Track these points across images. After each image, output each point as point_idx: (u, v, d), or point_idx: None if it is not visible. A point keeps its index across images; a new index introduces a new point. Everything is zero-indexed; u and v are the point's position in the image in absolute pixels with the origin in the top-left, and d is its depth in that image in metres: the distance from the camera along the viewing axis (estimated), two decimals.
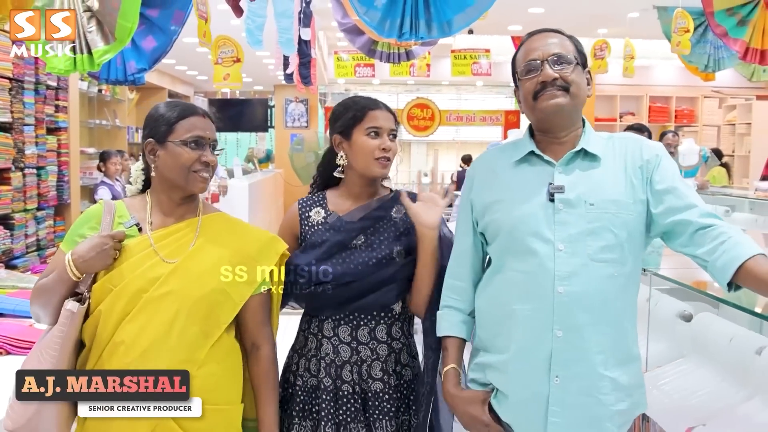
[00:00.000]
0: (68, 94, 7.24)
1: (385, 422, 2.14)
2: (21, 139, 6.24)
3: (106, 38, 3.83)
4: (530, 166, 1.93)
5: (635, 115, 13.31)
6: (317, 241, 2.17)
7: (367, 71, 11.54)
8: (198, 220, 2.02)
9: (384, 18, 4.60)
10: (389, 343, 2.18)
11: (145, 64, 5.36)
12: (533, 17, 8.89)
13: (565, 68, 1.87)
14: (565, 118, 1.90)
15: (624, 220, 1.83)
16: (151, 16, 5.07)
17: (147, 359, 1.87)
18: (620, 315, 1.85)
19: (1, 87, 5.97)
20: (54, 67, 3.71)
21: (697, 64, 7.13)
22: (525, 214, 1.87)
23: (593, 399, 1.81)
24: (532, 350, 1.83)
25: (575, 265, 1.81)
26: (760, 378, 1.89)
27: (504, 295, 1.90)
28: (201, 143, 1.97)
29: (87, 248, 1.87)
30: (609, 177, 1.87)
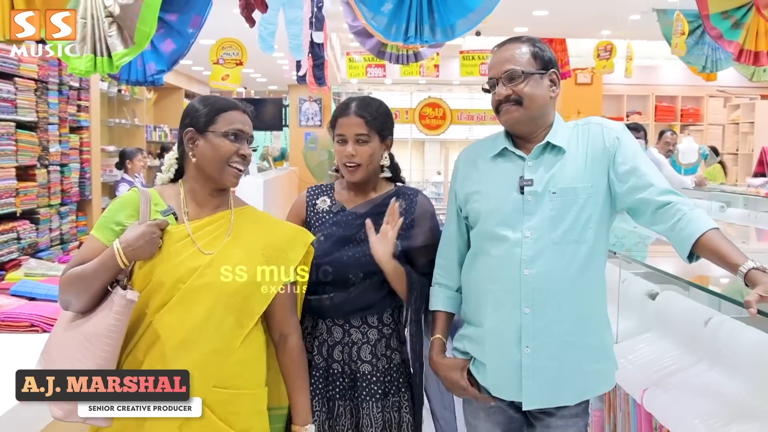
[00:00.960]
0: (90, 94, 7.52)
1: (372, 403, 2.24)
2: (45, 137, 6.50)
3: (126, 42, 3.99)
4: (505, 160, 2.12)
5: (642, 114, 13.43)
6: (324, 230, 2.28)
7: (378, 71, 11.75)
8: (231, 213, 2.05)
9: (390, 23, 4.79)
10: (380, 328, 2.27)
11: (163, 66, 5.59)
12: (538, 19, 9.07)
13: (517, 83, 2.04)
14: (524, 127, 2.09)
15: (582, 204, 2.02)
16: (169, 21, 5.29)
17: (184, 348, 1.89)
18: (585, 287, 2.04)
19: (27, 88, 6.23)
20: (75, 69, 3.90)
21: (695, 65, 7.31)
22: (498, 205, 2.07)
23: (561, 362, 2.02)
24: (504, 325, 2.04)
25: (539, 249, 2.00)
26: (706, 345, 2.12)
27: (480, 276, 2.11)
28: (240, 136, 2.01)
29: (136, 236, 1.87)
30: (571, 165, 2.05)
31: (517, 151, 2.10)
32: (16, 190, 6.03)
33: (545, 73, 2.08)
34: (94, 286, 1.87)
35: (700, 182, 7.54)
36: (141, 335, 1.90)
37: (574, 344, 2.03)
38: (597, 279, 2.09)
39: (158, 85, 6.02)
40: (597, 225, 2.04)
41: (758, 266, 1.74)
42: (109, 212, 1.98)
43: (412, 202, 2.32)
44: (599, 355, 2.09)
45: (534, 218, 2.02)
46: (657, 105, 13.53)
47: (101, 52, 3.92)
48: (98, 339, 1.83)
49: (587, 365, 2.06)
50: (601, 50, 9.66)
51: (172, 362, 1.87)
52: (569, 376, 2.04)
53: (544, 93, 2.07)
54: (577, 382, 2.06)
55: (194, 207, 2.02)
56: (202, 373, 1.89)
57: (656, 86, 13.57)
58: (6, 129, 5.86)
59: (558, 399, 2.06)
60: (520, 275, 2.01)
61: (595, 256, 2.06)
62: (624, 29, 9.17)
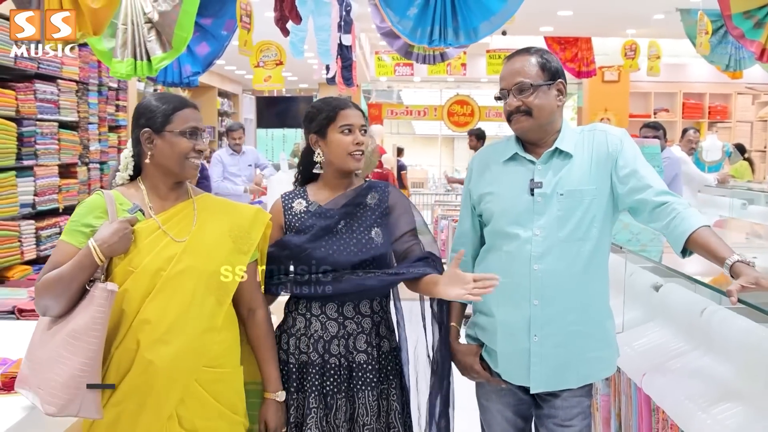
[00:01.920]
0: (127, 94, 7.79)
1: (367, 392, 2.28)
2: (86, 136, 6.77)
3: (164, 46, 4.15)
4: (516, 164, 2.28)
5: (669, 111, 13.44)
6: (304, 226, 2.33)
7: (407, 70, 11.93)
8: (192, 201, 2.15)
9: (415, 26, 4.94)
10: (372, 317, 2.33)
11: (199, 68, 5.81)
12: (562, 19, 9.17)
13: (526, 95, 2.20)
14: (534, 134, 2.25)
15: (588, 205, 2.18)
16: (205, 25, 5.50)
17: (173, 332, 1.99)
18: (589, 281, 2.21)
19: (69, 89, 6.49)
20: (116, 72, 4.10)
21: (719, 63, 7.37)
22: (510, 205, 2.24)
23: (566, 350, 2.19)
24: (514, 315, 2.22)
25: (548, 246, 2.17)
26: (701, 333, 2.28)
27: (492, 270, 2.22)
28: (195, 133, 2.10)
29: (110, 233, 1.95)
30: (577, 169, 2.21)
31: (527, 156, 2.26)
32: (58, 187, 6.29)
33: (553, 83, 2.23)
34: (73, 286, 1.94)
35: (723, 179, 7.57)
36: (130, 325, 1.97)
37: (578, 333, 2.20)
38: (600, 273, 2.26)
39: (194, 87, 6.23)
40: (601, 224, 2.21)
41: (743, 259, 1.89)
42: (76, 216, 2.06)
43: (384, 193, 2.39)
44: (601, 343, 2.26)
45: (543, 218, 2.19)
46: (684, 102, 13.51)
47: (141, 56, 4.09)
48: (84, 333, 1.89)
49: (590, 352, 2.23)
50: (627, 49, 9.74)
51: (164, 346, 1.97)
52: (573, 362, 2.22)
53: (551, 103, 2.22)
54: (580, 368, 2.23)
55: (157, 201, 2.10)
56: (194, 353, 2.01)
57: (684, 83, 13.56)
58: (49, 129, 6.12)
59: (562, 383, 2.23)
60: (530, 270, 2.18)
61: (599, 252, 2.22)
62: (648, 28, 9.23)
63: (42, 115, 6.02)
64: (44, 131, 6.05)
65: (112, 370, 1.97)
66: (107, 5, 3.87)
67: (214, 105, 13.93)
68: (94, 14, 3.84)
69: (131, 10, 4.05)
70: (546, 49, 2.33)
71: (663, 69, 10.92)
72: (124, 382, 1.96)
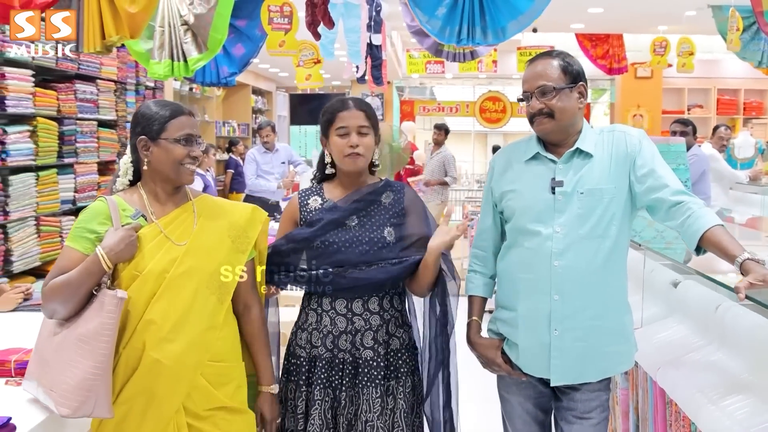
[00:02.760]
0: (164, 93, 7.98)
1: (371, 388, 2.30)
2: (124, 134, 6.96)
3: (200, 48, 4.25)
4: (538, 163, 2.34)
5: (703, 107, 13.32)
6: (314, 219, 2.38)
7: (437, 67, 11.98)
8: (192, 204, 2.21)
9: (444, 26, 4.98)
10: (381, 314, 2.35)
11: (235, 69, 5.95)
12: (593, 16, 9.16)
13: (549, 98, 2.26)
14: (556, 135, 2.32)
15: (607, 203, 2.24)
16: (240, 27, 5.64)
17: (178, 331, 2.06)
18: (608, 277, 2.26)
19: (108, 89, 6.69)
20: (154, 73, 4.21)
21: (752, 60, 7.31)
22: (532, 203, 2.30)
23: (586, 343, 2.25)
24: (535, 310, 2.28)
25: (568, 243, 2.23)
26: (716, 328, 2.34)
27: (514, 265, 2.35)
28: (190, 140, 2.15)
29: (116, 241, 2.02)
30: (597, 169, 2.27)
31: (548, 155, 2.33)
32: (98, 184, 6.49)
33: (574, 86, 2.28)
34: (80, 291, 2.00)
35: (755, 177, 7.52)
36: (136, 326, 2.04)
37: (598, 328, 2.26)
38: (619, 270, 2.32)
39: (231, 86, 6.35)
40: (620, 222, 2.26)
41: (753, 257, 1.95)
42: (80, 223, 2.11)
43: (400, 192, 2.43)
44: (619, 338, 2.32)
45: (564, 216, 2.25)
46: (719, 98, 13.38)
47: (178, 57, 4.20)
48: (93, 338, 1.95)
49: (608, 347, 2.29)
50: (657, 46, 9.70)
51: (169, 345, 2.05)
52: (592, 356, 2.27)
53: (573, 105, 2.29)
54: (599, 362, 2.29)
55: (158, 206, 2.17)
56: (199, 349, 2.10)
57: (718, 79, 13.42)
58: (89, 127, 6.32)
59: (582, 376, 2.29)
60: (551, 266, 2.24)
61: (618, 249, 2.28)
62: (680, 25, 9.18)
63: (82, 114, 6.22)
64: (84, 130, 6.25)
65: (120, 370, 2.04)
66: (144, 9, 3.99)
67: (248, 102, 14.11)
68: (131, 18, 3.96)
69: (168, 13, 4.16)
70: (567, 52, 2.39)
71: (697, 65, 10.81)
72: (133, 380, 2.04)
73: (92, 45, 3.86)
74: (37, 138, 5.47)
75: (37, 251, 5.55)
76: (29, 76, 5.36)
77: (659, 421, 2.45)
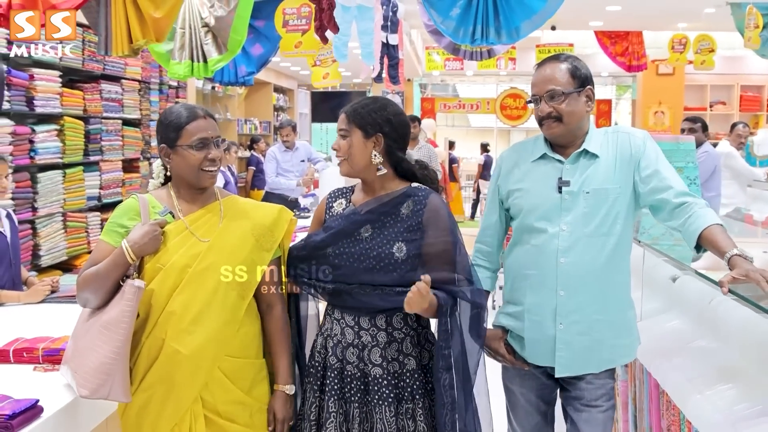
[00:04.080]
0: (186, 92, 8.15)
1: (384, 407, 2.20)
2: (148, 132, 7.13)
3: (220, 49, 4.35)
4: (545, 163, 2.39)
5: (726, 104, 13.25)
6: (328, 226, 2.32)
7: (456, 65, 12.06)
8: (219, 204, 2.28)
9: (458, 26, 5.03)
10: (389, 331, 2.24)
11: (253, 68, 6.06)
12: (611, 14, 9.18)
13: (558, 101, 2.31)
14: (564, 138, 2.37)
15: (612, 203, 2.30)
16: (258, 27, 5.74)
17: (198, 323, 2.13)
18: (611, 273, 2.33)
19: (132, 88, 6.86)
20: (174, 73, 4.33)
21: None
22: (539, 202, 2.36)
23: (590, 337, 2.32)
24: (541, 305, 2.35)
25: (574, 241, 2.29)
26: (709, 321, 2.42)
27: (521, 262, 2.41)
28: (206, 143, 2.19)
29: (141, 235, 2.11)
30: (602, 169, 2.33)
31: (555, 156, 2.39)
32: (122, 181, 6.67)
33: (582, 90, 2.34)
34: (108, 282, 2.10)
35: None
36: (158, 317, 2.12)
37: (601, 321, 2.33)
38: (622, 266, 2.39)
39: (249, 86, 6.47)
40: (624, 220, 2.33)
41: (740, 253, 2.01)
42: (113, 218, 2.22)
43: (421, 203, 2.24)
44: (622, 332, 2.38)
45: (570, 214, 2.31)
46: (742, 95, 13.26)
47: (198, 58, 4.30)
48: (114, 325, 2.05)
49: (611, 339, 2.35)
50: (676, 43, 9.70)
51: (189, 336, 2.11)
52: (596, 348, 2.34)
53: (581, 109, 2.34)
54: (602, 354, 2.36)
55: (185, 205, 2.24)
56: (217, 343, 2.15)
57: (741, 75, 13.30)
58: (114, 126, 6.50)
59: (585, 367, 2.36)
60: (557, 263, 2.31)
61: (621, 246, 2.35)
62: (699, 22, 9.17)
63: (107, 113, 6.39)
64: (109, 128, 6.41)
65: (142, 359, 2.13)
66: (168, 14, 4.12)
67: (269, 100, 14.26)
68: (156, 23, 4.10)
69: (189, 15, 4.28)
70: (576, 56, 2.44)
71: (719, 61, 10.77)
72: (154, 369, 2.12)
73: (120, 49, 4.01)
74: (64, 137, 5.65)
75: (64, 246, 5.73)
76: (56, 77, 5.53)
77: (653, 411, 2.55)
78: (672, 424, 2.39)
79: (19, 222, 4.47)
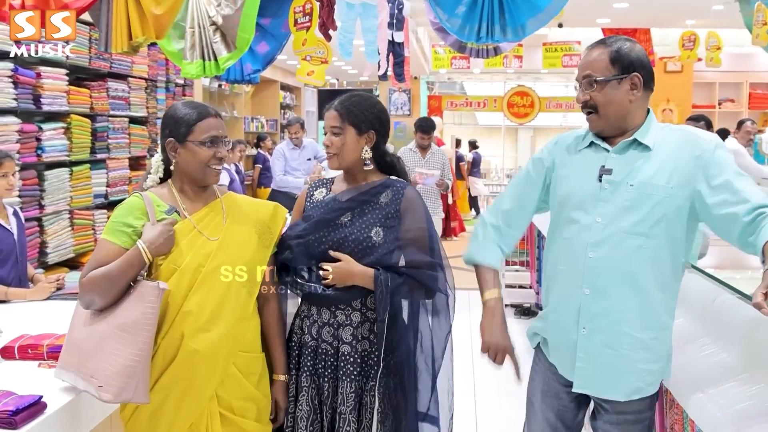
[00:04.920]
0: (193, 90, 8.17)
1: (347, 383, 2.32)
2: (154, 130, 7.16)
3: (229, 47, 4.40)
4: (592, 151, 2.21)
5: (735, 101, 13.20)
6: (308, 215, 2.41)
7: (463, 63, 12.05)
8: (220, 201, 2.31)
9: (464, 24, 5.05)
10: (363, 311, 2.36)
11: (259, 66, 6.07)
12: (618, 11, 9.16)
13: (593, 88, 2.12)
14: (607, 132, 2.17)
15: (659, 201, 2.06)
16: (264, 25, 5.75)
17: (213, 321, 2.16)
18: (648, 283, 2.08)
19: (139, 87, 6.89)
20: (187, 73, 4.40)
21: None
22: (577, 189, 2.17)
23: (615, 352, 2.10)
24: (565, 304, 2.17)
25: (607, 235, 2.08)
26: (713, 319, 2.41)
27: (553, 258, 2.25)
28: (216, 141, 2.23)
29: (156, 235, 2.12)
30: (655, 163, 2.09)
31: (602, 144, 2.18)
32: (129, 179, 6.70)
33: (626, 76, 2.10)
34: (120, 283, 2.09)
35: None
36: (174, 317, 2.14)
37: (628, 336, 2.10)
38: (661, 279, 2.11)
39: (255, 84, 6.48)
40: (670, 226, 2.08)
41: None
42: (117, 217, 2.20)
43: (399, 193, 2.38)
44: (652, 355, 2.13)
45: (608, 206, 2.11)
46: (751, 92, 13.22)
47: (208, 56, 4.38)
48: (134, 327, 2.04)
49: (639, 362, 2.11)
50: (686, 40, 9.66)
51: (205, 334, 2.15)
52: (621, 367, 2.11)
53: (621, 98, 2.11)
54: (627, 377, 2.12)
55: (188, 203, 2.26)
56: (232, 338, 2.19)
57: (751, 73, 13.26)
58: (121, 124, 6.52)
59: (608, 390, 2.15)
60: (585, 257, 2.11)
61: (665, 256, 2.10)
62: (707, 19, 9.13)
63: (114, 111, 6.42)
64: (116, 126, 6.45)
65: (158, 359, 2.13)
66: (169, 11, 4.16)
67: (276, 98, 14.27)
68: (156, 19, 4.13)
69: (197, 14, 4.32)
70: (628, 38, 2.18)
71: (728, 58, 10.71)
72: (171, 369, 2.13)
73: (119, 46, 4.04)
74: (71, 134, 5.68)
75: (70, 243, 5.77)
76: (64, 75, 5.56)
77: (657, 410, 2.54)
78: (675, 423, 2.38)
79: (27, 219, 4.49)
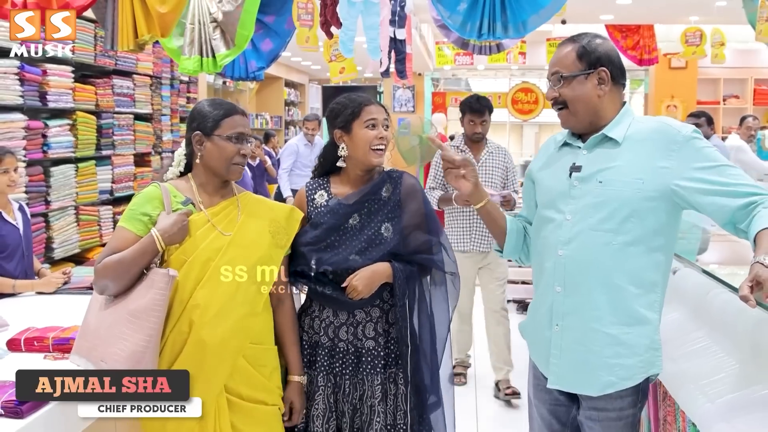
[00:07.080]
0: (198, 87, 8.21)
1: (373, 376, 2.36)
2: (159, 127, 7.21)
3: (228, 44, 4.41)
4: (567, 149, 2.21)
5: (739, 98, 13.16)
6: (317, 222, 2.41)
7: (467, 59, 12.06)
8: (237, 199, 2.33)
9: (465, 21, 5.07)
10: (381, 305, 2.41)
11: (263, 63, 6.10)
12: (622, 7, 9.15)
13: (562, 85, 2.13)
14: (578, 128, 2.18)
15: (628, 196, 2.03)
16: (268, 22, 5.78)
17: (222, 315, 2.17)
18: (621, 279, 2.05)
19: (144, 84, 6.93)
20: (185, 68, 4.38)
21: None
22: (550, 187, 2.20)
23: (586, 348, 2.09)
24: (540, 301, 2.20)
25: (576, 232, 2.08)
26: (706, 313, 2.45)
27: (534, 257, 2.28)
28: (242, 138, 2.27)
29: (170, 224, 2.14)
30: (625, 158, 2.06)
31: (575, 142, 2.19)
32: (134, 175, 6.74)
33: (592, 72, 2.10)
34: (133, 270, 2.12)
35: None
36: (182, 310, 2.16)
37: (599, 332, 2.08)
38: (635, 274, 2.07)
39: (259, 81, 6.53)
40: (643, 219, 2.04)
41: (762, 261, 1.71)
42: (134, 206, 2.23)
43: (398, 183, 2.44)
44: (626, 350, 2.08)
45: (577, 203, 2.11)
46: (756, 88, 13.14)
47: (207, 53, 4.37)
48: (144, 313, 2.08)
49: (611, 357, 2.08)
50: (690, 36, 9.65)
51: (213, 328, 2.16)
52: (592, 364, 2.10)
53: (588, 93, 2.11)
54: (599, 372, 2.09)
55: (206, 196, 2.29)
56: (240, 333, 2.21)
57: (755, 69, 13.15)
58: (126, 121, 6.57)
59: (580, 385, 2.14)
60: (556, 255, 2.12)
61: (639, 251, 2.06)
62: (711, 15, 9.13)
63: (119, 108, 6.46)
64: (121, 123, 6.49)
65: (167, 350, 2.16)
66: (174, 9, 4.19)
67: (281, 95, 14.31)
68: (161, 18, 4.17)
69: (198, 11, 4.34)
70: (597, 34, 2.20)
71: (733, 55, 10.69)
72: (179, 361, 2.15)
73: (125, 44, 4.07)
74: (76, 131, 5.73)
75: (76, 239, 5.82)
76: (69, 72, 5.61)
77: (651, 402, 2.58)
78: (668, 414, 2.42)
79: (33, 215, 4.54)
